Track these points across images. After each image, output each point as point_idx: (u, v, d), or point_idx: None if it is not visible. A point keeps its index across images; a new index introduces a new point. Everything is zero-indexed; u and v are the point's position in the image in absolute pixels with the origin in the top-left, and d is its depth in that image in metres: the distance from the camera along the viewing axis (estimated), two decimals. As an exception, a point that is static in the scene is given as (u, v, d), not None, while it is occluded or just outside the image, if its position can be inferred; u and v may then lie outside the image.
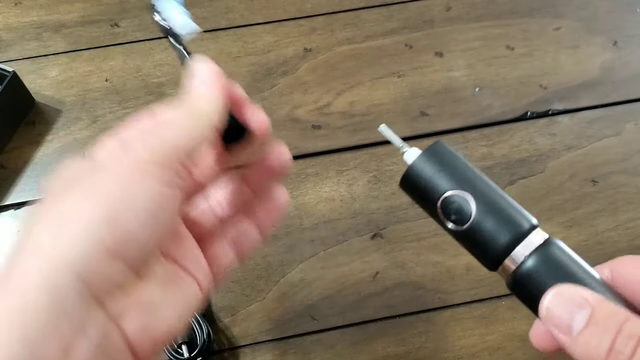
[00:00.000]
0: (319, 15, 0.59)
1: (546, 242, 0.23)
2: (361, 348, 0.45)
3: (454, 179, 0.24)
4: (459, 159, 0.25)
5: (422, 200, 0.25)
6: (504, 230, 0.23)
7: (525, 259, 0.23)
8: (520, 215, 0.23)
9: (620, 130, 0.54)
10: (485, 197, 0.23)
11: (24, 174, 0.51)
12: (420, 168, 0.25)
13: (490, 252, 0.24)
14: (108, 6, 0.59)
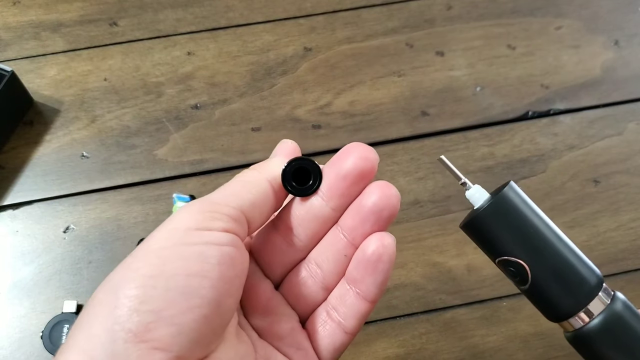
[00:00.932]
0: (319, 15, 0.59)
1: (612, 302, 0.23)
2: (361, 349, 0.45)
3: (514, 240, 0.23)
4: (524, 210, 0.24)
5: (481, 248, 0.25)
6: (564, 296, 0.23)
7: (587, 324, 0.23)
8: (585, 274, 0.23)
9: (622, 130, 0.54)
10: (544, 262, 0.23)
11: (22, 174, 0.51)
12: (484, 219, 0.24)
13: (551, 314, 0.24)
14: (107, 5, 0.58)
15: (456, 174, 0.26)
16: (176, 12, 0.58)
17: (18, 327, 0.45)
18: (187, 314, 0.21)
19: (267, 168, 0.26)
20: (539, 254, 0.23)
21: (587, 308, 0.23)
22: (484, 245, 0.24)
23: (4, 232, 0.48)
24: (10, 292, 0.46)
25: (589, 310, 0.23)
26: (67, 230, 0.49)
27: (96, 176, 0.51)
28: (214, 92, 0.54)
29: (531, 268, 0.23)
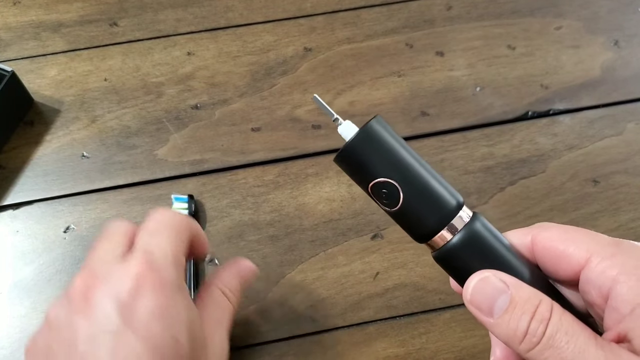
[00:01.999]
0: (319, 15, 0.59)
1: (471, 220, 0.25)
2: (361, 349, 0.45)
3: (385, 163, 0.25)
4: (392, 138, 0.25)
5: (355, 178, 0.26)
6: (431, 213, 0.24)
7: (447, 242, 0.24)
8: (446, 195, 0.25)
9: (621, 130, 0.54)
10: (413, 181, 0.25)
11: (22, 174, 0.51)
12: (355, 148, 0.25)
13: (418, 233, 0.25)
14: (107, 5, 0.58)
15: (328, 110, 0.27)
16: (176, 12, 0.58)
17: (18, 327, 0.45)
18: None
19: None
20: (407, 175, 0.25)
21: (451, 224, 0.24)
22: (358, 172, 0.25)
23: (5, 232, 0.48)
24: (11, 292, 0.46)
25: (452, 226, 0.24)
26: (67, 230, 0.49)
27: (96, 176, 0.51)
28: (214, 92, 0.55)
29: (402, 187, 0.25)
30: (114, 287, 0.27)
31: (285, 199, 0.50)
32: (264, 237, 0.48)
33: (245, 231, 0.49)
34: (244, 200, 0.50)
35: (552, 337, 0.21)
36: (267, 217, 0.49)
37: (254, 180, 0.51)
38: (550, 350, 0.21)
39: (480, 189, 0.51)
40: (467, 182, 0.51)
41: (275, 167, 0.51)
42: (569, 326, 0.21)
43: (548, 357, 0.21)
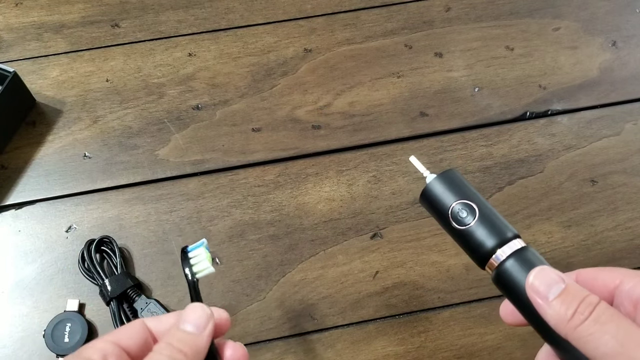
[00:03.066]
0: (318, 16, 0.59)
1: (523, 248, 0.28)
2: (361, 347, 0.45)
3: (463, 193, 0.30)
4: (465, 181, 0.31)
5: (436, 207, 0.31)
6: (493, 235, 0.29)
7: (505, 259, 0.28)
8: (506, 225, 0.29)
9: (619, 130, 0.54)
10: (484, 208, 0.30)
11: (24, 174, 0.51)
12: (436, 185, 0.31)
13: (480, 252, 0.29)
14: (109, 7, 0.59)
15: (422, 169, 0.34)
16: (177, 13, 0.59)
17: (21, 325, 0.45)
18: None
19: (198, 356, 0.27)
20: (481, 202, 0.30)
21: (508, 246, 0.28)
22: (439, 202, 0.31)
23: (7, 231, 0.49)
24: (13, 291, 0.47)
25: (508, 248, 0.28)
26: (69, 229, 0.49)
27: (98, 176, 0.51)
28: (215, 93, 0.55)
29: (478, 206, 0.30)
30: None
31: (286, 198, 0.50)
32: (264, 236, 0.49)
33: (246, 230, 0.49)
34: (244, 200, 0.50)
35: (599, 316, 0.24)
36: (268, 216, 0.50)
37: (255, 180, 0.51)
38: (597, 326, 0.24)
39: (479, 188, 0.51)
40: (466, 182, 0.51)
41: (275, 167, 0.51)
42: (614, 312, 0.24)
43: (594, 332, 0.24)
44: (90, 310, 0.46)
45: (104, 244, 0.47)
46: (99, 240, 0.47)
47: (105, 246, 0.47)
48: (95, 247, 0.47)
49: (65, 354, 0.44)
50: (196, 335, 0.27)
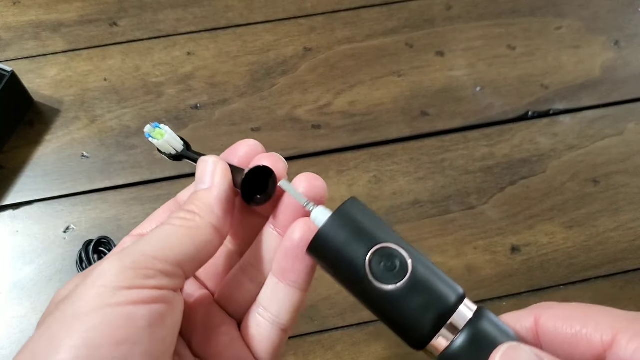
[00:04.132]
0: (318, 15, 0.59)
1: (474, 317, 0.21)
2: (361, 349, 0.45)
3: (382, 233, 0.22)
4: (374, 216, 0.23)
5: (341, 261, 0.22)
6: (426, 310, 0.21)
7: (450, 345, 0.20)
8: (447, 286, 0.21)
9: (621, 130, 0.54)
10: (418, 258, 0.22)
11: (22, 174, 0.51)
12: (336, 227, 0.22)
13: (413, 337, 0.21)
14: (107, 5, 0.58)
15: (300, 198, 0.25)
16: (176, 12, 0.58)
17: (18, 327, 0.45)
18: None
19: (209, 209, 0.24)
20: (411, 250, 0.22)
21: (450, 323, 0.21)
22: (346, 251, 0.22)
23: (4, 232, 0.48)
24: (11, 292, 0.46)
25: (451, 326, 0.21)
26: (67, 230, 0.49)
27: (96, 176, 0.51)
28: (214, 92, 0.54)
29: (411, 256, 0.22)
30: None
31: (285, 199, 0.50)
32: (263, 237, 0.48)
33: (245, 231, 0.49)
34: (243, 200, 0.50)
35: None
36: (267, 217, 0.49)
37: (254, 180, 0.51)
38: None
39: (481, 189, 0.51)
40: (467, 182, 0.51)
41: (275, 167, 0.51)
42: None
43: None
44: (88, 311, 0.46)
45: (102, 245, 0.47)
46: (97, 241, 0.47)
47: (103, 247, 0.47)
48: (94, 248, 0.46)
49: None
50: (203, 190, 0.25)
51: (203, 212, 0.24)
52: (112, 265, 0.21)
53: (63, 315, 0.20)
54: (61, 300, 0.21)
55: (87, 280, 0.21)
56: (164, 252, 0.22)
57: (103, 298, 0.20)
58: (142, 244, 0.22)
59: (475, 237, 0.49)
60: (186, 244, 0.23)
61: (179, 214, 0.24)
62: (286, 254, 0.25)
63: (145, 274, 0.21)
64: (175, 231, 0.23)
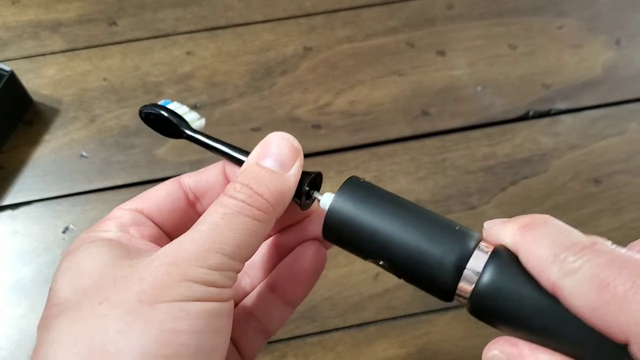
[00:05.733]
0: (319, 14, 0.59)
1: (495, 253, 0.21)
2: (362, 350, 0.45)
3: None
4: (361, 208, 0.22)
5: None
6: (439, 271, 0.21)
7: (479, 280, 0.21)
8: (451, 242, 0.22)
9: (623, 130, 0.54)
10: (400, 253, 0.22)
11: (21, 174, 0.50)
12: (338, 214, 0.23)
13: (439, 285, 0.22)
14: (106, 5, 0.58)
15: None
16: (175, 11, 0.58)
17: (17, 327, 0.45)
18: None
19: (282, 200, 0.22)
20: (390, 250, 0.22)
21: (467, 272, 0.21)
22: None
23: (3, 232, 0.48)
24: (10, 293, 0.46)
25: (469, 274, 0.21)
26: (66, 230, 0.48)
27: (95, 176, 0.50)
28: (214, 92, 0.54)
29: (391, 265, 0.22)
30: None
31: (286, 199, 0.50)
32: (264, 237, 0.48)
33: (245, 231, 0.48)
34: (243, 201, 0.50)
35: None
36: (267, 217, 0.49)
37: (254, 180, 0.50)
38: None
39: (482, 189, 0.50)
40: (468, 182, 0.51)
41: (275, 167, 0.51)
42: None
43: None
44: (88, 312, 0.45)
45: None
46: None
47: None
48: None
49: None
50: (279, 175, 0.22)
51: (277, 204, 0.21)
52: (192, 257, 0.20)
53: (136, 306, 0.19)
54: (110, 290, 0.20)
55: (160, 268, 0.20)
56: (236, 249, 0.20)
57: (187, 290, 0.19)
58: (209, 237, 0.20)
59: (477, 237, 0.48)
60: (253, 237, 0.21)
61: (248, 195, 0.21)
62: (293, 277, 0.24)
63: (225, 275, 0.20)
64: (245, 222, 0.21)
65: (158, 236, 0.24)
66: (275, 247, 0.26)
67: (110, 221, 0.23)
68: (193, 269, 0.20)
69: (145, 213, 0.24)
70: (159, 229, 0.24)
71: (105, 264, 0.21)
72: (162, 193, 0.25)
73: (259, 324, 0.25)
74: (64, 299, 0.20)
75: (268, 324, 0.25)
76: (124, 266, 0.20)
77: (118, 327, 0.18)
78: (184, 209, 0.24)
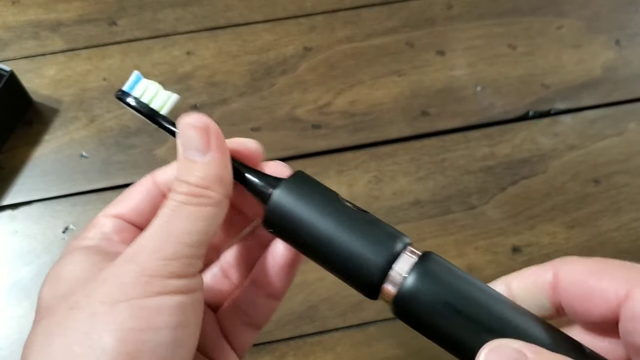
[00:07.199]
0: (318, 14, 0.59)
1: (425, 257, 0.21)
2: (362, 350, 0.45)
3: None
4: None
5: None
6: (377, 246, 0.22)
7: (404, 279, 0.21)
8: (379, 245, 0.22)
9: (622, 130, 0.54)
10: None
11: (21, 174, 0.50)
12: (270, 223, 0.24)
13: (365, 280, 0.22)
14: (106, 5, 0.58)
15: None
16: (175, 11, 0.58)
17: (17, 327, 0.45)
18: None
19: (219, 180, 0.23)
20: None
21: (392, 272, 0.21)
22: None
23: (3, 232, 0.48)
24: (9, 293, 0.46)
25: (395, 273, 0.21)
26: (66, 230, 0.48)
27: (95, 176, 0.50)
28: (214, 92, 0.54)
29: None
30: None
31: (285, 199, 0.50)
32: (263, 237, 0.48)
33: (245, 231, 0.48)
34: (243, 201, 0.50)
35: None
36: (267, 217, 0.49)
37: (254, 180, 0.50)
38: None
39: (482, 189, 0.51)
40: (468, 182, 0.51)
41: (275, 167, 0.51)
42: None
43: None
44: (88, 312, 0.45)
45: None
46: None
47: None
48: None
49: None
50: (201, 162, 0.23)
51: (214, 186, 0.22)
52: (148, 252, 0.21)
53: (98, 303, 0.20)
54: (79, 289, 0.21)
55: (121, 268, 0.21)
56: (190, 236, 0.21)
57: (146, 287, 0.20)
58: (162, 230, 0.21)
59: (476, 237, 0.48)
60: (206, 222, 0.21)
61: (189, 190, 0.22)
62: (269, 268, 0.25)
63: (184, 262, 0.21)
64: (192, 211, 0.21)
65: None
66: (258, 241, 0.27)
67: (93, 229, 0.24)
68: (151, 262, 0.20)
69: (125, 218, 0.25)
70: (141, 230, 0.24)
71: (82, 269, 0.22)
72: (139, 195, 0.25)
73: (247, 317, 0.26)
74: (45, 305, 0.21)
75: (255, 317, 0.26)
76: (95, 271, 0.21)
77: (83, 328, 0.20)
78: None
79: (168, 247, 0.21)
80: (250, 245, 0.27)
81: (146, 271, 0.20)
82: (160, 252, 0.21)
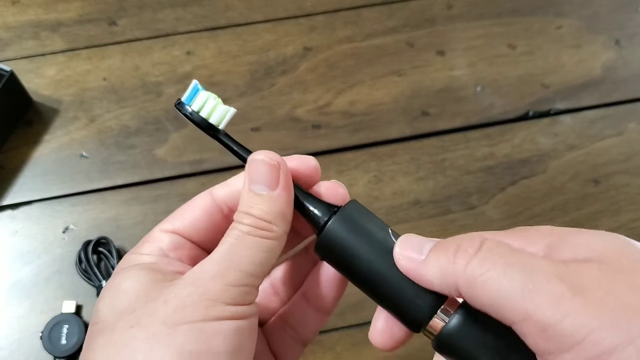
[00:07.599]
0: (319, 14, 0.59)
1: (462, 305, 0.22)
2: (361, 350, 0.45)
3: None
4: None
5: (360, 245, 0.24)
6: (413, 309, 0.23)
7: (450, 319, 0.22)
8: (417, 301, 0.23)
9: (622, 130, 0.54)
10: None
11: (21, 174, 0.50)
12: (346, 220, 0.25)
13: (413, 325, 0.23)
14: (106, 5, 0.58)
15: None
16: (175, 11, 0.58)
17: (17, 327, 0.45)
18: None
19: (282, 217, 0.23)
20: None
21: (444, 308, 0.22)
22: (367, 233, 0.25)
23: (3, 232, 0.48)
24: (10, 293, 0.46)
25: (446, 310, 0.22)
26: (66, 230, 0.48)
27: (95, 176, 0.50)
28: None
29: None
30: None
31: (285, 199, 0.50)
32: (263, 237, 0.48)
33: (245, 231, 0.48)
34: (243, 201, 0.50)
35: (491, 250, 0.20)
36: (267, 217, 0.49)
37: (254, 180, 0.50)
38: (491, 261, 0.20)
39: (481, 189, 0.51)
40: (468, 182, 0.51)
41: (275, 167, 0.51)
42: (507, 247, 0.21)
43: (489, 268, 0.19)
44: (88, 312, 0.45)
45: (101, 245, 0.47)
46: (96, 241, 0.46)
47: (102, 247, 0.47)
48: (93, 248, 0.46)
49: (63, 355, 0.43)
50: (268, 197, 0.23)
51: (277, 221, 0.23)
52: (211, 276, 0.21)
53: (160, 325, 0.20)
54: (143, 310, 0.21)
55: (183, 290, 0.21)
56: (253, 265, 0.22)
57: (207, 310, 0.21)
58: (226, 257, 0.22)
59: (476, 237, 0.48)
60: (267, 254, 0.22)
61: (253, 222, 0.23)
62: (321, 282, 0.26)
63: (244, 290, 0.21)
64: (256, 242, 0.22)
65: (198, 255, 0.25)
66: (309, 257, 0.27)
67: (150, 244, 0.25)
68: (213, 286, 0.21)
69: (183, 234, 0.25)
70: (198, 247, 0.25)
71: (142, 286, 0.22)
72: (197, 211, 0.25)
73: (295, 333, 0.26)
74: (102, 318, 0.22)
75: (304, 333, 0.26)
76: (156, 289, 0.22)
77: (143, 349, 0.20)
78: (220, 224, 0.25)
79: (231, 273, 0.21)
80: (300, 261, 0.27)
81: (208, 295, 0.21)
82: (223, 278, 0.21)
